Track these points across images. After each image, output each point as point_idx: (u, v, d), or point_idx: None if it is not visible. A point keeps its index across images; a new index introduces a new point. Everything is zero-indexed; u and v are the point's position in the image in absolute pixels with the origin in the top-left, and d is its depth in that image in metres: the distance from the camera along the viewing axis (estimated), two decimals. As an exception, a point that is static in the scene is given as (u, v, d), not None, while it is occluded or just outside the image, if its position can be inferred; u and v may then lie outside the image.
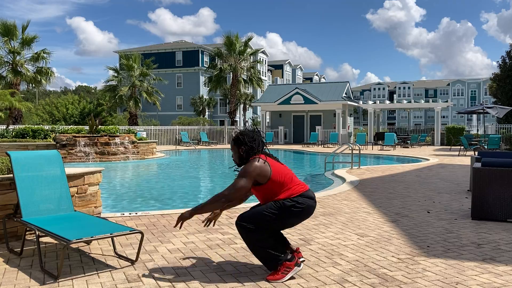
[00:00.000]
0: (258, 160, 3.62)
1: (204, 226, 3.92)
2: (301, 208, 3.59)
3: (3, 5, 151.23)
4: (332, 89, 33.10)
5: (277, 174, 3.62)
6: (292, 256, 3.63)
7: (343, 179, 10.30)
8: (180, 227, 3.67)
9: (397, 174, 11.38)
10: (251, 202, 4.94)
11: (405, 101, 34.61)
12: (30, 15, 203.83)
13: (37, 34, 34.71)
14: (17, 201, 4.35)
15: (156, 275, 3.70)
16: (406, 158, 18.05)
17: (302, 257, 3.86)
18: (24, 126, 19.43)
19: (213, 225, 4.09)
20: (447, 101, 37.25)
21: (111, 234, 3.80)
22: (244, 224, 3.57)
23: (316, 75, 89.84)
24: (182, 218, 3.60)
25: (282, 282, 3.52)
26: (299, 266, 3.65)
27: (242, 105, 50.51)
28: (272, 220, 3.56)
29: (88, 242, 4.57)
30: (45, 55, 27.92)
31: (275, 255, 3.57)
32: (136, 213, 6.25)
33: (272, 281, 3.53)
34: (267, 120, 34.89)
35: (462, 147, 20.13)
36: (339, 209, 6.66)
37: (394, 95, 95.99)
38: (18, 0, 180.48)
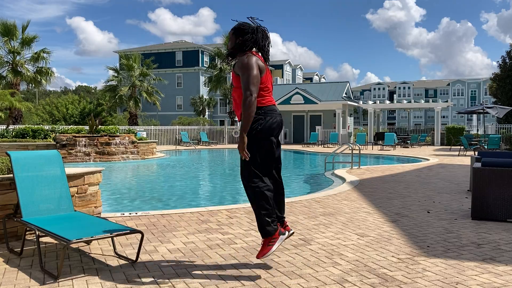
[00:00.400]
0: (255, 57, 3.58)
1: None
2: (272, 125, 3.62)
3: (3, 5, 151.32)
4: (332, 89, 33.11)
5: (267, 75, 3.66)
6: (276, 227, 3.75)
7: (343, 179, 10.30)
8: (246, 156, 3.54)
9: (397, 174, 11.38)
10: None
11: (405, 101, 34.61)
12: (30, 15, 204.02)
13: (37, 34, 34.71)
14: (17, 201, 4.35)
15: (156, 275, 3.70)
16: (406, 158, 18.05)
17: (291, 229, 3.94)
18: (24, 126, 19.43)
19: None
20: (447, 101, 37.26)
21: (111, 234, 3.80)
22: (246, 175, 3.63)
23: (316, 75, 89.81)
24: (242, 147, 3.50)
25: (269, 255, 3.70)
26: (283, 234, 3.76)
27: (242, 105, 50.47)
28: (257, 150, 3.59)
29: (88, 242, 4.57)
30: (45, 55, 27.93)
31: (269, 223, 3.66)
32: (136, 213, 6.25)
33: (262, 257, 3.68)
34: (267, 120, 34.84)
35: (462, 147, 20.14)
36: (339, 209, 6.67)
37: (394, 95, 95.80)
38: (18, 0, 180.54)
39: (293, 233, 3.94)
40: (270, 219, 3.66)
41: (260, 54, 3.73)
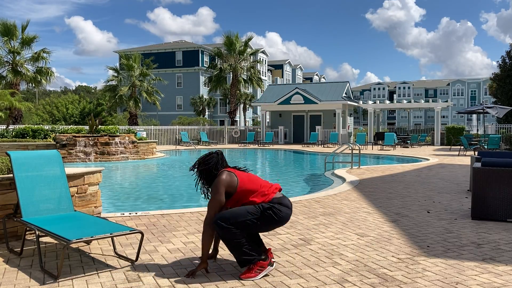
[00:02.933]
0: (223, 173, 3.72)
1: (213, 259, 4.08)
2: (279, 215, 3.68)
3: (3, 5, 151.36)
4: (332, 89, 33.10)
5: (244, 182, 3.72)
6: (266, 256, 3.72)
7: (343, 179, 10.29)
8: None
9: (397, 174, 11.38)
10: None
11: (405, 101, 34.59)
12: (30, 15, 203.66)
13: (37, 34, 34.62)
14: (17, 201, 4.35)
15: (156, 275, 3.70)
16: (406, 158, 18.04)
17: (273, 258, 3.91)
18: (24, 126, 19.43)
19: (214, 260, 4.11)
20: (447, 101, 37.26)
21: (111, 234, 3.80)
22: (222, 223, 3.59)
23: (316, 75, 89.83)
24: (198, 269, 3.67)
25: (255, 280, 3.57)
26: (271, 266, 3.74)
27: (242, 105, 50.58)
28: (251, 222, 3.62)
29: (88, 242, 4.57)
30: (45, 54, 27.91)
31: (250, 254, 3.63)
32: (136, 213, 6.25)
33: (245, 279, 3.59)
34: (267, 120, 34.90)
35: (462, 147, 20.14)
36: (339, 209, 6.66)
37: (394, 95, 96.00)
38: (18, 0, 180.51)
39: (274, 261, 3.89)
40: (248, 248, 3.65)
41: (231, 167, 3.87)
